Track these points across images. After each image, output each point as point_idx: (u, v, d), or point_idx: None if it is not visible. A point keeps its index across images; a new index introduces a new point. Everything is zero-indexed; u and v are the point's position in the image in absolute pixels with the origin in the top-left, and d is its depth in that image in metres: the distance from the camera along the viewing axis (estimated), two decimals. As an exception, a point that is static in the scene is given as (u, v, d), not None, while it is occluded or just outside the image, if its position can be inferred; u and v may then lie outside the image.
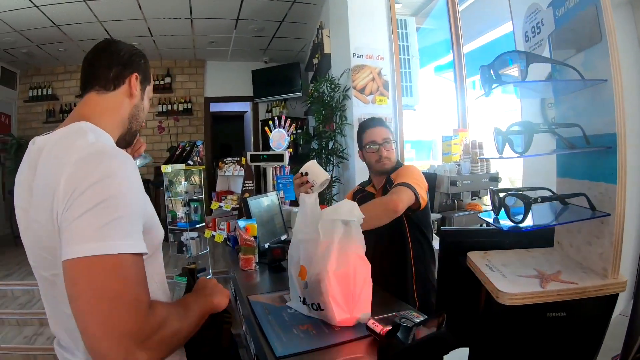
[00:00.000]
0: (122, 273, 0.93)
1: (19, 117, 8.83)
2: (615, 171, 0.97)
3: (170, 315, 1.03)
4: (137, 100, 1.40)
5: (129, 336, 0.89)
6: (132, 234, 0.99)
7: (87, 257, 0.91)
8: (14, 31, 6.69)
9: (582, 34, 1.08)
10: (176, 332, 1.03)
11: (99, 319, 0.89)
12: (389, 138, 2.61)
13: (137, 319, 0.91)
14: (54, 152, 1.11)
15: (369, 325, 1.60)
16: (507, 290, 0.93)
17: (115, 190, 0.99)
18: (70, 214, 0.96)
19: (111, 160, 1.05)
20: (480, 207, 4.26)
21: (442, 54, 6.10)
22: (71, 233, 0.94)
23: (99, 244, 0.92)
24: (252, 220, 2.87)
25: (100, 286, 0.91)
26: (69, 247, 0.93)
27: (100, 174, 0.99)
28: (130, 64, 1.38)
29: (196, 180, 5.49)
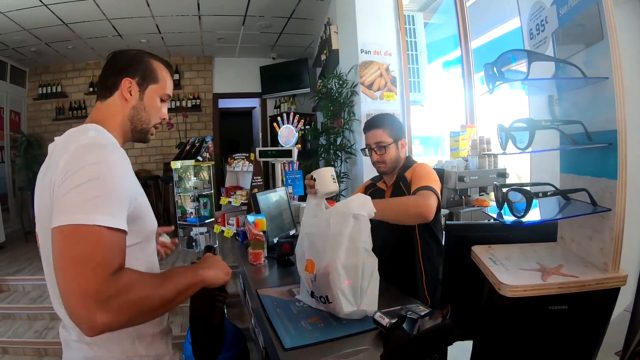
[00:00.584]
0: (93, 241, 1.06)
1: (28, 115, 8.89)
2: (616, 167, 0.98)
3: (140, 282, 1.11)
4: (135, 102, 1.53)
5: (90, 296, 1.00)
6: (113, 212, 1.11)
7: (67, 225, 1.05)
8: (23, 30, 6.73)
9: (584, 32, 1.10)
10: (143, 298, 1.10)
11: (67, 279, 1.02)
12: (381, 142, 2.56)
13: (99, 281, 1.02)
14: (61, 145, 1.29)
15: (375, 318, 1.63)
16: (509, 282, 0.95)
17: (99, 173, 1.14)
18: (61, 191, 1.11)
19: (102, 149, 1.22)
20: (487, 203, 4.26)
21: (450, 49, 6.09)
22: (59, 206, 1.10)
23: (78, 215, 1.06)
24: (261, 215, 2.90)
25: (72, 250, 1.04)
26: (55, 217, 1.08)
27: (90, 159, 1.16)
28: (123, 70, 1.51)
29: (205, 176, 5.53)
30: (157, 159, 9.18)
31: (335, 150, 5.54)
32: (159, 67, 1.58)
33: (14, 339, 4.48)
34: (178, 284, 1.22)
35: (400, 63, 5.15)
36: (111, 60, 1.56)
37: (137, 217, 1.32)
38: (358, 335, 1.66)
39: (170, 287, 1.19)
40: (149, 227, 1.44)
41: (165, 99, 1.61)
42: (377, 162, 2.60)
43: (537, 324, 1.03)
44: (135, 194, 1.28)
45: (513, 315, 1.04)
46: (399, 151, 2.59)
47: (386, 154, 2.55)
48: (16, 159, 8.28)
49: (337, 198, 5.40)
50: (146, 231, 1.42)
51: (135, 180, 1.34)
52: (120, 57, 1.55)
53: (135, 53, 1.56)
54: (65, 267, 1.04)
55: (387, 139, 2.55)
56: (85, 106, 8.84)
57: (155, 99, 1.58)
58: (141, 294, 1.10)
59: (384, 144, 2.55)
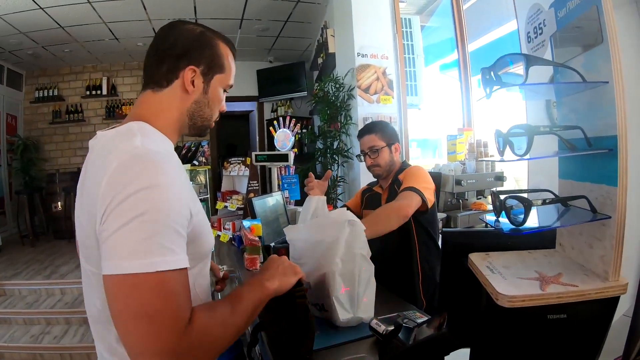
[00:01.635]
0: (160, 291, 0.91)
1: (25, 118, 8.84)
2: (616, 174, 0.97)
3: (213, 320, 1.01)
4: (198, 95, 1.29)
5: (168, 353, 0.89)
6: (172, 249, 0.95)
7: (125, 275, 0.90)
8: (19, 33, 6.71)
9: (583, 35, 1.08)
10: (221, 337, 1.01)
11: (138, 337, 0.89)
12: (373, 146, 2.63)
13: (176, 336, 0.90)
14: (102, 153, 1.09)
15: (371, 325, 1.61)
16: (507, 293, 0.93)
17: (152, 202, 0.95)
18: (108, 226, 0.93)
19: (151, 167, 1.00)
20: (485, 207, 4.25)
21: (447, 52, 6.09)
22: (109, 247, 0.93)
23: (136, 262, 0.90)
24: (257, 220, 2.88)
25: (139, 305, 0.90)
26: (107, 261, 0.92)
27: (138, 183, 0.95)
28: (184, 55, 1.26)
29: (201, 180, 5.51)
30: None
31: (332, 154, 5.53)
32: (226, 51, 1.37)
33: (10, 343, 4.47)
34: (248, 306, 1.11)
35: (397, 66, 5.14)
36: (167, 38, 1.28)
37: (196, 237, 1.12)
38: (354, 343, 1.64)
39: (241, 313, 1.09)
40: (206, 247, 1.23)
41: (227, 89, 1.40)
42: (372, 165, 2.67)
43: (536, 333, 1.01)
44: (193, 213, 1.08)
45: (511, 324, 1.02)
46: (392, 155, 2.65)
47: (379, 157, 2.62)
48: (13, 162, 8.24)
49: (334, 203, 5.39)
50: (202, 251, 1.21)
51: (193, 195, 1.15)
52: (181, 37, 1.28)
53: (199, 32, 1.30)
54: (129, 325, 0.91)
55: (380, 143, 2.63)
56: (82, 109, 8.82)
57: (219, 90, 1.36)
58: (218, 334, 1.01)
59: (377, 147, 2.62)
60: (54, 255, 6.59)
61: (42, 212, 7.95)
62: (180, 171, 1.12)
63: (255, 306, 1.14)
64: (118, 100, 8.94)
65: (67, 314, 4.85)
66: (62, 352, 4.32)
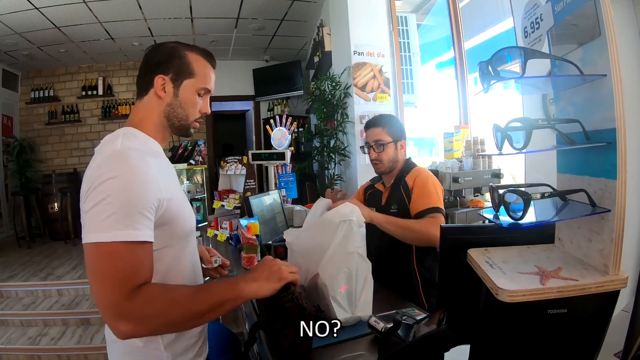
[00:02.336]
0: (114, 257, 1.16)
1: (21, 119, 8.83)
2: (615, 167, 0.96)
3: (164, 296, 1.21)
4: (169, 99, 1.53)
5: (111, 309, 1.14)
6: (132, 225, 1.19)
7: (91, 243, 1.17)
8: (14, 33, 6.70)
9: (581, 29, 1.08)
10: (166, 312, 1.19)
11: (94, 292, 1.16)
12: (380, 140, 2.59)
13: (117, 297, 1.14)
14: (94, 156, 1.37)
15: (370, 322, 1.61)
16: (507, 287, 0.92)
17: (116, 188, 1.21)
18: (84, 207, 1.22)
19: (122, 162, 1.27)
20: (482, 204, 4.25)
21: (443, 50, 6.09)
22: (84, 223, 1.21)
23: (98, 234, 1.17)
24: (254, 219, 2.87)
25: (96, 267, 1.17)
26: (83, 234, 1.20)
27: (108, 174, 1.22)
28: (156, 66, 1.51)
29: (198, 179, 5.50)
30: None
31: (329, 152, 5.53)
32: (197, 59, 1.57)
33: (7, 345, 4.46)
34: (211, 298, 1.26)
35: (394, 64, 5.14)
36: (146, 56, 1.56)
37: (167, 221, 1.37)
38: (353, 341, 1.64)
39: (202, 302, 1.25)
40: (183, 229, 1.48)
41: (203, 93, 1.61)
42: (375, 160, 2.63)
43: (536, 328, 1.01)
44: (163, 199, 1.33)
45: (511, 320, 1.01)
46: (397, 152, 2.61)
47: (384, 152, 2.58)
48: (9, 163, 8.23)
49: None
50: (179, 233, 1.46)
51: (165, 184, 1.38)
52: (154, 53, 1.54)
53: (171, 47, 1.55)
54: (92, 282, 1.18)
55: (386, 138, 2.58)
56: (78, 110, 8.82)
57: (192, 93, 1.57)
58: (162, 308, 1.19)
59: (383, 142, 2.58)
60: (50, 257, 6.56)
61: (38, 213, 7.90)
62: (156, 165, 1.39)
63: (222, 301, 1.27)
64: (114, 101, 8.93)
65: (64, 316, 4.85)
66: (59, 354, 4.31)
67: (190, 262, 1.57)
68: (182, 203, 1.50)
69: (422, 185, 2.43)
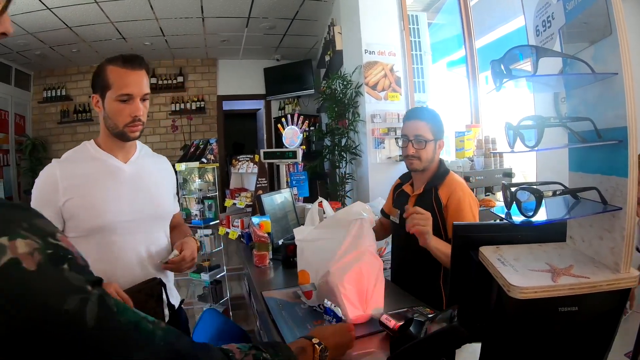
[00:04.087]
0: None
1: (33, 118, 8.92)
2: (626, 165, 0.96)
3: None
4: (103, 113, 1.79)
5: None
6: None
7: None
8: (27, 33, 6.76)
9: (592, 28, 1.08)
10: None
11: None
12: (422, 135, 2.35)
13: None
14: None
15: (382, 320, 1.61)
16: (519, 284, 0.93)
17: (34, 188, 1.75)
18: None
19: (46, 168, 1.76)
20: (493, 203, 4.24)
21: (454, 49, 6.07)
22: None
23: None
24: (266, 217, 2.89)
25: None
26: None
27: None
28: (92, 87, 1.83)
29: (210, 177, 5.51)
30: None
31: (340, 151, 5.53)
32: (111, 71, 1.74)
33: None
34: None
35: (405, 63, 5.14)
36: None
37: (69, 217, 1.72)
38: (364, 338, 1.65)
39: None
40: (87, 224, 1.74)
41: (123, 99, 1.74)
42: (412, 156, 2.39)
43: (547, 325, 1.01)
44: (59, 199, 1.69)
45: (522, 317, 1.02)
46: (436, 151, 2.42)
47: (424, 150, 2.37)
48: (21, 162, 8.31)
49: (342, 200, 5.39)
50: (85, 227, 1.73)
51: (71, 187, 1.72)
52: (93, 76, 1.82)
53: (98, 67, 1.79)
54: None
55: (429, 135, 2.38)
56: (90, 109, 8.86)
57: (113, 103, 1.75)
58: None
59: (425, 139, 2.37)
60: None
61: (50, 211, 7.94)
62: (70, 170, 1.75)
63: None
64: (126, 100, 8.95)
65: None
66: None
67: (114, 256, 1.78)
68: (85, 201, 1.73)
69: (457, 207, 2.25)
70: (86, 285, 0.66)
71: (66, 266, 0.64)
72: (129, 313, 0.72)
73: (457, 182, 2.34)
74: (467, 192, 2.30)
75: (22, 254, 0.59)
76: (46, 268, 0.61)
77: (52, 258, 0.63)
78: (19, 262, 0.59)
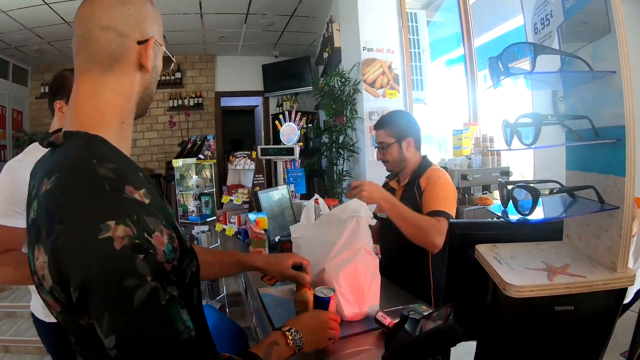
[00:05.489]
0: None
1: (31, 114, 8.90)
2: (624, 164, 0.96)
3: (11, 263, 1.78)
4: None
5: None
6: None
7: None
8: (25, 29, 6.73)
9: (591, 26, 1.08)
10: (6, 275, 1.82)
11: None
12: (383, 142, 2.59)
13: None
14: None
15: (377, 317, 1.61)
16: (514, 282, 0.92)
17: None
18: None
19: None
20: (490, 201, 4.24)
21: (453, 47, 6.07)
22: None
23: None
24: (263, 213, 2.88)
25: None
26: None
27: None
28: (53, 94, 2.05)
29: (207, 174, 5.50)
30: (159, 158, 9.20)
31: (338, 148, 5.53)
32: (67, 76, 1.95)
33: (16, 337, 4.49)
34: None
35: (403, 61, 5.13)
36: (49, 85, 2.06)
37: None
38: (360, 335, 1.65)
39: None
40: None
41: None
42: (383, 161, 2.64)
43: (543, 324, 1.01)
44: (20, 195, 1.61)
45: (518, 316, 1.02)
46: (402, 151, 2.56)
47: (388, 153, 2.58)
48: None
49: (339, 198, 5.39)
50: None
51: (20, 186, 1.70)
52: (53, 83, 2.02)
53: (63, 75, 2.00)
54: None
55: (388, 139, 2.57)
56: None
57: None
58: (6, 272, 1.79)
59: (385, 144, 2.57)
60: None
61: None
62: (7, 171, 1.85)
63: None
64: (123, 95, 8.94)
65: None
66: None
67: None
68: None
69: (432, 188, 2.38)
70: (148, 275, 0.82)
71: (142, 256, 0.81)
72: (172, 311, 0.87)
73: (436, 170, 2.49)
74: (445, 177, 2.44)
75: (117, 236, 0.79)
76: (126, 251, 0.79)
77: (135, 247, 0.80)
78: (112, 240, 0.79)
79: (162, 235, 0.86)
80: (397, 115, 2.73)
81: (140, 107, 1.10)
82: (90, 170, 0.87)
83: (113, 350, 0.82)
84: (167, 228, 0.88)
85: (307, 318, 1.38)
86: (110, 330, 0.81)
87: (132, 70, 1.04)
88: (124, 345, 0.82)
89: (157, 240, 0.85)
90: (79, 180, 0.87)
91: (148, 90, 1.11)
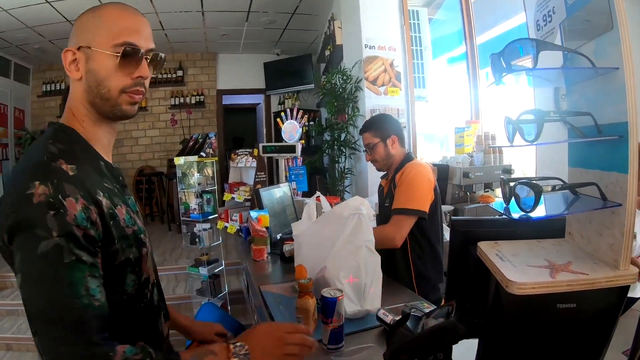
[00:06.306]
0: None
1: (32, 112, 8.91)
2: (626, 161, 0.96)
3: None
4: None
5: None
6: None
7: None
8: (26, 27, 6.73)
9: (593, 22, 1.07)
10: None
11: None
12: (369, 143, 2.70)
13: None
14: None
15: (379, 315, 1.61)
16: (517, 280, 0.92)
17: None
18: None
19: None
20: (492, 199, 4.24)
21: (455, 45, 6.06)
22: None
23: None
24: (265, 211, 2.88)
25: None
26: None
27: None
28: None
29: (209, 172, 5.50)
30: (161, 156, 9.20)
31: (340, 146, 5.52)
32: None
33: (17, 335, 4.50)
34: None
35: (405, 58, 5.12)
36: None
37: None
38: (361, 333, 1.65)
39: None
40: None
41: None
42: (372, 161, 2.76)
43: (545, 322, 1.01)
44: None
45: (520, 313, 1.01)
46: (388, 148, 2.67)
47: (375, 153, 2.70)
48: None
49: (341, 195, 5.39)
50: None
51: None
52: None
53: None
54: None
55: (373, 140, 2.70)
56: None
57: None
58: None
59: (372, 144, 2.70)
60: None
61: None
62: None
63: None
64: (125, 93, 8.95)
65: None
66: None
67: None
68: None
69: (400, 184, 2.48)
70: (54, 231, 0.95)
71: (52, 212, 0.96)
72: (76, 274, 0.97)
73: (410, 166, 2.55)
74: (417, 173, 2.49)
75: (37, 193, 0.96)
76: (41, 206, 0.96)
77: (49, 204, 0.96)
78: (33, 195, 0.96)
79: (77, 203, 1.00)
80: (379, 117, 2.94)
81: (101, 109, 1.19)
82: (44, 146, 1.08)
83: (20, 289, 0.99)
84: (85, 200, 1.02)
85: (258, 334, 1.23)
86: (18, 268, 0.98)
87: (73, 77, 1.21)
88: (24, 284, 0.98)
89: (70, 204, 0.98)
90: (34, 152, 1.09)
91: (94, 94, 1.18)
